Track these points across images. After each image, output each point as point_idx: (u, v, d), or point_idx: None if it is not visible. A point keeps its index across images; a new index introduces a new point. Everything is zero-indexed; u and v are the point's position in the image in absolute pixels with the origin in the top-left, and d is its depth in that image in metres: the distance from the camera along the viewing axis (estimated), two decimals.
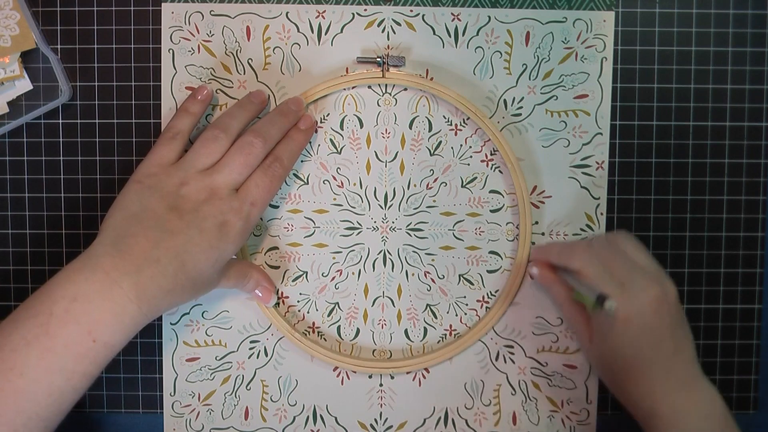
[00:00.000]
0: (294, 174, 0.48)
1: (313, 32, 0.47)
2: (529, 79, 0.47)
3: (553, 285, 0.45)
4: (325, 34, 0.47)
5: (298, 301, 0.48)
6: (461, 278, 0.48)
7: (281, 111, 0.45)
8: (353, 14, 0.47)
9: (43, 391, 0.35)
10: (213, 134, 0.42)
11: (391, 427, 0.48)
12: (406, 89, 0.47)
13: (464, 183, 0.48)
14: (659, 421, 0.40)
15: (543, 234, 0.48)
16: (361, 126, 0.48)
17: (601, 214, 0.48)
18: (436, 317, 0.48)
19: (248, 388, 0.48)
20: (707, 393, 0.41)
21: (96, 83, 0.47)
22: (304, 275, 0.48)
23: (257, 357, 0.48)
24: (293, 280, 0.48)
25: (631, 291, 0.40)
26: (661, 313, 0.40)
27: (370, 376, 0.48)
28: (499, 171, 0.48)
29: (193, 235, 0.39)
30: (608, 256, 0.42)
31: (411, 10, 0.47)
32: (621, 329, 0.40)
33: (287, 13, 0.47)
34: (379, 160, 0.48)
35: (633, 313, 0.40)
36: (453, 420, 0.48)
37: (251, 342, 0.48)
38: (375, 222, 0.48)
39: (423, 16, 0.47)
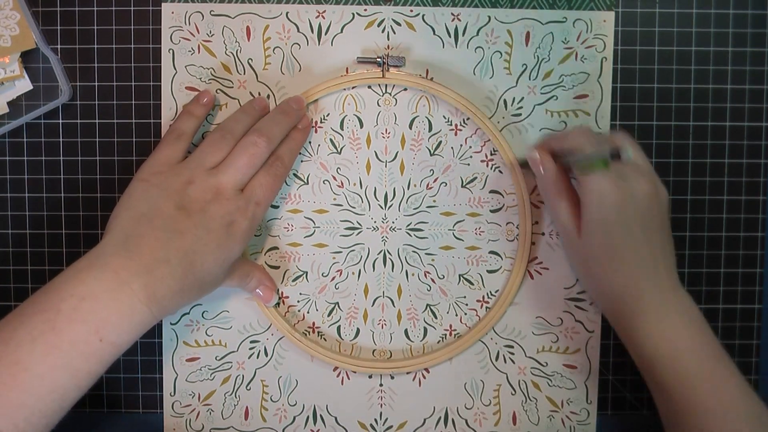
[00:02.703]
0: (294, 174, 0.48)
1: (313, 32, 0.47)
2: (529, 79, 0.47)
3: (550, 169, 0.43)
4: (325, 34, 0.47)
5: (298, 301, 0.48)
6: (461, 278, 0.48)
7: (283, 110, 0.45)
8: (353, 14, 0.47)
9: (47, 388, 0.35)
10: (220, 135, 0.43)
11: (391, 427, 0.48)
12: (406, 89, 0.47)
13: (464, 183, 0.48)
14: (642, 318, 0.41)
15: (543, 234, 0.48)
16: (361, 126, 0.48)
17: None
18: (436, 317, 0.48)
19: (248, 388, 0.48)
20: (687, 301, 0.42)
21: (96, 83, 0.47)
22: (304, 275, 0.48)
23: (257, 357, 0.48)
24: (293, 280, 0.48)
25: (625, 181, 0.40)
26: (652, 207, 0.41)
27: (370, 376, 0.48)
28: (499, 171, 0.48)
29: (201, 236, 0.40)
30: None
31: (411, 10, 0.47)
32: (616, 210, 0.40)
33: (287, 13, 0.47)
34: (379, 160, 0.48)
35: (627, 199, 0.40)
36: (453, 420, 0.48)
37: (251, 342, 0.48)
38: (375, 222, 0.48)
39: (423, 16, 0.47)
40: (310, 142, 0.47)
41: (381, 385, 0.48)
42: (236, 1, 0.47)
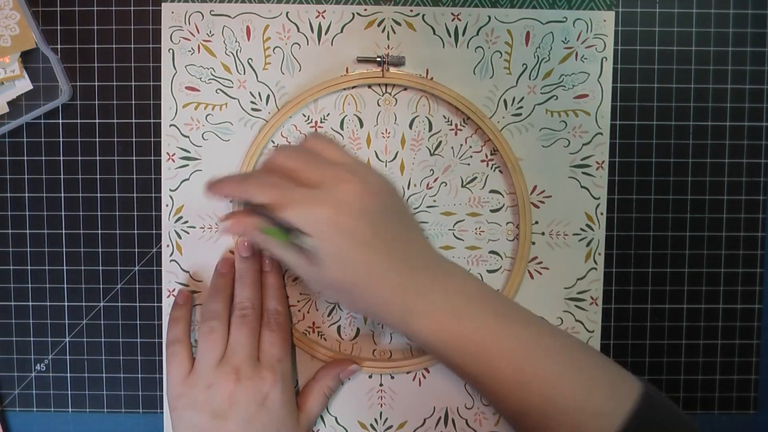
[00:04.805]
0: None
1: (313, 32, 0.47)
2: (529, 79, 0.47)
3: (247, 231, 0.38)
4: (325, 34, 0.47)
5: (298, 301, 0.48)
6: None
7: (240, 273, 0.45)
8: (353, 14, 0.47)
9: None
10: (208, 327, 0.43)
11: (391, 427, 0.48)
12: (406, 89, 0.47)
13: (464, 183, 0.48)
14: (403, 321, 0.39)
15: (543, 234, 0.48)
16: (361, 126, 0.48)
17: (601, 214, 0.48)
18: None
19: None
20: (454, 271, 0.40)
21: (96, 83, 0.47)
22: None
23: None
24: (293, 280, 0.48)
25: (326, 188, 0.37)
26: (367, 201, 0.37)
27: (370, 376, 0.48)
28: (499, 171, 0.48)
29: (247, 429, 0.41)
30: (294, 166, 0.38)
31: (411, 10, 0.47)
32: (330, 231, 0.36)
33: (287, 13, 0.47)
34: (379, 160, 0.48)
35: (336, 209, 0.36)
36: (453, 420, 0.48)
37: None
38: None
39: (423, 16, 0.47)
40: None
41: (381, 384, 0.48)
42: (236, 1, 0.47)
